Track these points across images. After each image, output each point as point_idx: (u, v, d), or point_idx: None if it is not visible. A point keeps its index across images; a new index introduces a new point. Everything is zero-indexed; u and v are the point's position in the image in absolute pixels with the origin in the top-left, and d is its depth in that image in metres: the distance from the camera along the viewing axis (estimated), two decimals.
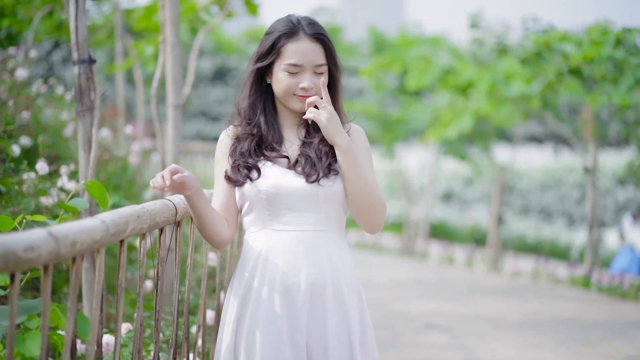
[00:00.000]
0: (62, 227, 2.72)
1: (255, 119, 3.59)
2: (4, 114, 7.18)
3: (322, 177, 3.47)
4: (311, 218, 3.50)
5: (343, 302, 3.51)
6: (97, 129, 5.09)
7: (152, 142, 11.48)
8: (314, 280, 3.47)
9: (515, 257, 17.18)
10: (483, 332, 9.48)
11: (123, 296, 3.34)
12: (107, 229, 3.00)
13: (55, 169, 7.06)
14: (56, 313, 3.19)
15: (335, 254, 3.52)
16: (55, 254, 2.61)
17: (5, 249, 2.34)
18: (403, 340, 9.05)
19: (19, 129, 7.56)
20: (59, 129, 8.56)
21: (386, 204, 3.58)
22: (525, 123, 16.85)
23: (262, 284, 3.49)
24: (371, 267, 15.90)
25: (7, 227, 3.29)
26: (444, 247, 18.80)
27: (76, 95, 5.07)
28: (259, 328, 3.47)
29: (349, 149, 3.44)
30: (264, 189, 3.47)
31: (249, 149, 3.54)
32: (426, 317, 10.37)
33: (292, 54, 3.49)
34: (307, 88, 3.49)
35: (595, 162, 14.63)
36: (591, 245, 14.69)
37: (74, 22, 5.04)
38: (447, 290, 13.05)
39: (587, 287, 13.54)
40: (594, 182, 14.52)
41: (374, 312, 10.85)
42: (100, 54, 27.22)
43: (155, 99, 6.74)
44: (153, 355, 3.68)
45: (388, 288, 13.06)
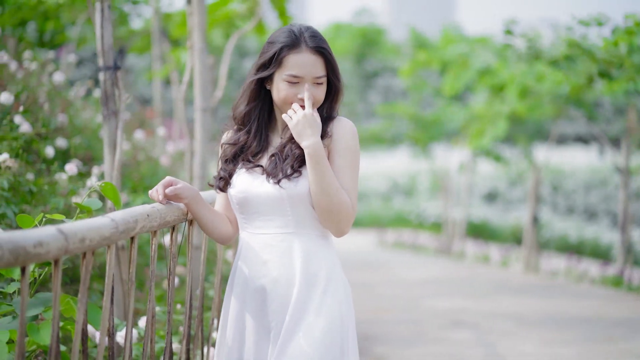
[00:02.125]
0: (72, 225, 2.94)
1: (248, 126, 3.68)
2: (40, 116, 7.45)
3: (283, 179, 3.52)
4: (279, 221, 3.57)
5: (305, 307, 3.53)
6: (122, 132, 5.33)
7: (187, 144, 11.71)
8: (282, 283, 3.57)
9: (553, 256, 17.26)
10: (507, 329, 9.64)
11: (134, 290, 3.57)
12: (116, 227, 3.22)
13: (88, 169, 7.33)
14: (70, 305, 3.42)
15: (307, 254, 3.57)
16: (64, 249, 2.82)
17: (15, 244, 2.54)
18: (428, 336, 9.24)
19: (55, 131, 7.82)
20: (95, 130, 8.81)
21: (352, 211, 3.56)
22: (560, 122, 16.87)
23: (238, 283, 3.68)
24: (406, 265, 16.09)
25: (28, 225, 3.50)
26: (482, 247, 18.91)
27: (102, 99, 5.33)
28: (230, 321, 3.68)
29: (313, 154, 3.46)
30: (233, 194, 3.63)
31: (228, 158, 3.69)
32: (453, 314, 10.55)
33: (293, 65, 3.54)
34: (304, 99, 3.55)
35: (627, 162, 14.69)
36: (623, 244, 14.77)
37: (100, 30, 5.30)
38: (477, 288, 13.20)
39: (619, 286, 13.62)
40: (625, 182, 14.60)
41: (404, 309, 11.07)
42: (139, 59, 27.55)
43: (183, 102, 6.99)
44: (165, 346, 3.90)
45: (419, 286, 13.25)
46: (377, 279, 14.13)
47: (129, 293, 3.55)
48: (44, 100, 8.29)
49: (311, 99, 3.55)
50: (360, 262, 16.64)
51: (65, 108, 8.71)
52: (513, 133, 18.39)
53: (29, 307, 3.40)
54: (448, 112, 19.85)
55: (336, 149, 3.58)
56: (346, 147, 3.59)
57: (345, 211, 3.51)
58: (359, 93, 37.67)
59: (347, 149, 3.59)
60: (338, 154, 3.57)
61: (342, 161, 3.56)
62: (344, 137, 3.60)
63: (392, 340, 9.03)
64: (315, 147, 3.46)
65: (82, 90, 10.81)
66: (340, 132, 3.60)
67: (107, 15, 5.30)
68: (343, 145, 3.59)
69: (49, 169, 6.47)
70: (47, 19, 14.97)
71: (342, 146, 3.59)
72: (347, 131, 3.61)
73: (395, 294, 12.34)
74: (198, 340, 4.38)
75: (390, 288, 13.01)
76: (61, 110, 8.51)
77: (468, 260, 17.55)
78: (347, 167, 3.56)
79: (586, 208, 25.46)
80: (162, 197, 3.59)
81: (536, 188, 16.06)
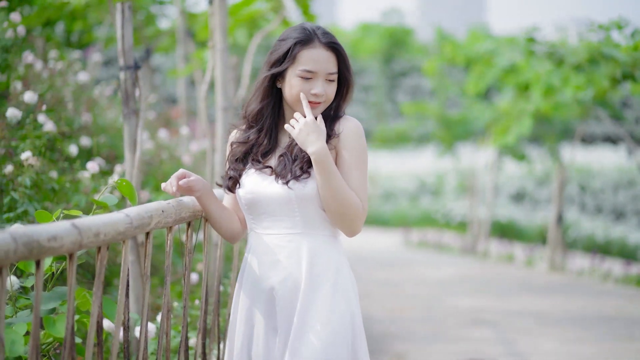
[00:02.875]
0: (86, 219, 3.03)
1: (260, 124, 3.70)
2: (64, 115, 7.56)
3: (291, 180, 3.54)
4: (287, 222, 3.60)
5: (312, 306, 3.57)
6: (142, 131, 5.43)
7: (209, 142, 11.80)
8: (290, 283, 3.60)
9: (579, 256, 17.25)
10: (527, 327, 9.68)
11: (149, 284, 3.66)
12: (130, 222, 3.31)
13: (111, 168, 7.44)
14: (86, 298, 3.51)
15: (315, 254, 3.60)
16: (78, 243, 2.91)
17: (29, 238, 2.63)
18: (448, 334, 9.30)
19: (78, 130, 7.93)
20: (120, 129, 8.91)
21: (363, 212, 3.58)
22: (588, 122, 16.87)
23: (247, 282, 3.71)
24: (429, 264, 16.12)
25: (46, 221, 3.59)
26: (507, 246, 18.91)
27: (122, 99, 5.43)
28: (239, 319, 3.73)
29: (319, 160, 3.47)
30: (242, 195, 3.66)
31: (237, 157, 3.71)
32: (474, 313, 10.59)
33: (307, 60, 3.56)
34: (318, 94, 3.56)
35: None
36: None
37: (120, 30, 5.39)
38: (499, 287, 13.23)
39: None
40: None
41: (425, 307, 11.12)
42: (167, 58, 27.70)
43: (204, 102, 7.09)
44: (181, 340, 3.99)
45: (442, 284, 13.29)
46: (400, 277, 14.18)
47: (144, 287, 3.64)
48: (69, 99, 8.41)
49: (309, 107, 3.57)
50: (384, 261, 16.70)
51: (89, 107, 8.83)
52: (540, 132, 18.37)
53: (46, 301, 3.49)
54: (474, 112, 19.87)
55: (343, 149, 3.60)
56: (353, 147, 3.61)
57: (356, 212, 3.55)
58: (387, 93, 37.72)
59: (354, 149, 3.61)
60: (345, 155, 3.59)
61: (350, 161, 3.59)
62: (350, 137, 3.61)
63: (413, 338, 9.09)
64: (321, 153, 3.47)
65: (108, 89, 10.94)
66: (346, 132, 3.62)
67: (127, 16, 5.39)
68: (350, 146, 3.60)
69: (72, 167, 6.58)
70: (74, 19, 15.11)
71: (349, 146, 3.60)
72: (354, 131, 3.63)
73: (417, 293, 12.38)
74: (214, 335, 4.47)
75: (413, 287, 13.06)
76: (86, 109, 8.62)
77: (492, 260, 17.57)
78: (354, 167, 3.59)
79: (614, 208, 25.37)
80: (176, 189, 3.64)
81: (561, 187, 16.06)
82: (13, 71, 7.71)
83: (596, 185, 25.69)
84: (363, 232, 19.63)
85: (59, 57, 9.86)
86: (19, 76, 7.65)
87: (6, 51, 7.61)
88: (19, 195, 5.34)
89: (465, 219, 23.36)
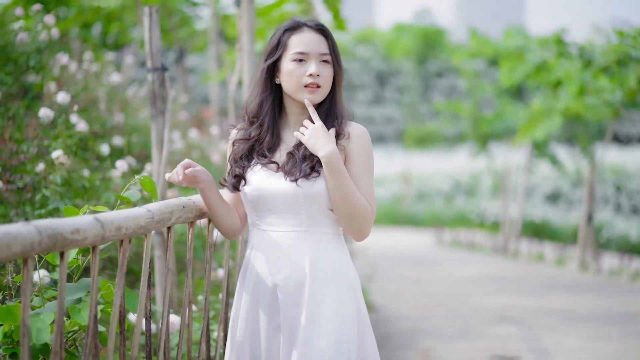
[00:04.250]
0: (109, 214, 3.19)
1: (260, 119, 3.73)
2: (95, 116, 7.77)
3: (301, 177, 3.58)
4: (292, 219, 3.63)
5: (318, 304, 3.61)
6: (170, 131, 5.61)
7: None
8: (293, 281, 3.64)
9: (610, 256, 17.26)
10: (553, 325, 9.79)
11: (171, 277, 3.83)
12: (152, 217, 3.47)
13: (141, 167, 7.64)
14: (110, 289, 3.68)
15: (318, 254, 3.64)
16: (101, 236, 3.06)
17: (53, 230, 2.78)
18: (474, 331, 9.42)
19: (110, 130, 8.14)
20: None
21: (372, 215, 3.63)
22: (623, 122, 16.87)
23: (250, 279, 3.73)
24: (459, 264, 16.23)
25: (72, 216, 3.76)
26: (539, 246, 18.97)
27: (150, 100, 5.60)
28: (241, 317, 3.74)
29: (330, 163, 3.53)
30: (248, 192, 3.67)
31: (241, 155, 3.73)
32: (501, 311, 10.71)
33: (298, 43, 3.63)
34: (313, 74, 3.60)
35: None
36: None
37: (148, 33, 5.56)
38: (526, 286, 13.31)
39: None
40: None
41: (452, 305, 11.24)
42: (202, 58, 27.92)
43: (232, 102, 7.26)
44: (202, 331, 4.15)
45: (470, 283, 13.41)
46: (429, 276, 14.30)
47: (166, 280, 3.80)
48: (103, 100, 8.62)
49: (316, 113, 3.63)
50: (415, 260, 16.82)
51: (122, 107, 9.03)
52: (573, 133, 18.41)
53: (72, 291, 3.66)
54: (507, 112, 19.92)
55: (351, 155, 3.65)
56: (361, 153, 3.66)
57: (365, 215, 3.59)
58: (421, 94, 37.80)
59: (362, 155, 3.67)
60: (353, 160, 3.65)
61: (358, 167, 3.64)
62: (359, 142, 3.67)
63: (439, 335, 9.22)
64: (332, 156, 3.53)
65: (142, 90, 11.15)
66: (355, 137, 3.67)
67: (155, 19, 5.57)
68: (358, 151, 3.66)
69: (102, 165, 6.77)
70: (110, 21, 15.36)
71: (357, 152, 3.66)
72: (362, 137, 3.68)
73: (446, 291, 12.50)
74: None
75: (442, 285, 13.17)
76: (118, 109, 8.82)
77: (522, 259, 17.63)
78: (363, 172, 3.65)
79: None
80: (182, 178, 3.69)
81: (591, 188, 16.09)
82: (47, 72, 7.91)
83: (632, 186, 25.64)
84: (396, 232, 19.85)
85: (93, 58, 10.07)
86: (53, 77, 7.85)
87: (40, 53, 7.83)
88: (50, 192, 5.53)
89: (499, 219, 23.41)
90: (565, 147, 24.74)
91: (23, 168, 5.86)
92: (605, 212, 23.33)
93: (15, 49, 7.67)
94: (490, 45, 17.13)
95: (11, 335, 3.48)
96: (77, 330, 3.69)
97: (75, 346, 3.80)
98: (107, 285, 3.68)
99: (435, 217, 25.99)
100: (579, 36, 14.58)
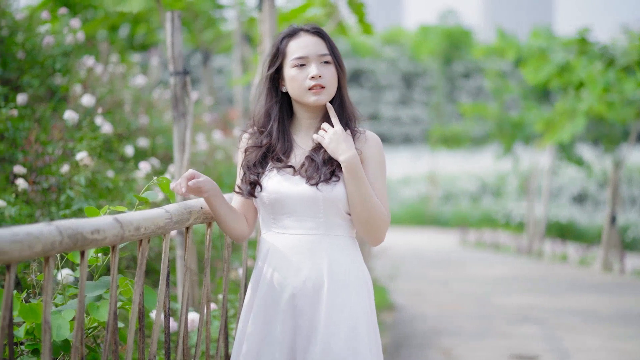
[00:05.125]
0: (128, 214, 3.31)
1: (269, 127, 3.75)
2: (120, 118, 7.90)
3: (321, 182, 3.61)
4: (311, 222, 3.66)
5: (337, 305, 3.64)
6: (191, 133, 5.72)
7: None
8: (312, 282, 3.67)
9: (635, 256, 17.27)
10: (574, 324, 9.86)
11: (189, 277, 3.94)
12: (170, 217, 3.57)
13: (165, 168, 7.76)
14: (129, 287, 3.80)
15: (335, 256, 3.67)
16: (120, 236, 3.17)
17: (74, 230, 2.89)
18: (495, 331, 9.51)
19: (135, 132, 8.27)
20: None
21: (387, 219, 3.68)
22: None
23: (266, 281, 3.73)
24: (483, 264, 16.30)
25: (94, 216, 3.87)
26: (563, 246, 18.99)
27: (172, 103, 5.72)
28: (252, 319, 3.75)
29: (351, 167, 3.58)
30: (265, 195, 3.68)
31: (255, 162, 3.75)
32: (523, 310, 10.79)
33: (296, 49, 3.67)
34: (315, 75, 3.63)
35: None
36: None
37: (170, 38, 5.68)
38: (549, 286, 13.38)
39: None
40: None
41: (475, 304, 11.32)
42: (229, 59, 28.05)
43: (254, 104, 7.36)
44: (220, 328, 4.26)
45: (493, 283, 13.48)
46: (453, 276, 14.38)
47: (185, 279, 3.91)
48: (128, 102, 8.75)
49: (336, 116, 3.68)
50: (439, 260, 16.89)
51: (147, 109, 9.16)
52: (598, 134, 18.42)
53: (93, 289, 3.77)
54: (532, 115, 19.93)
55: (367, 160, 3.70)
56: (376, 158, 3.72)
57: (382, 219, 3.64)
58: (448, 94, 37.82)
59: (377, 162, 3.72)
60: (369, 165, 3.70)
61: (373, 172, 3.70)
62: (374, 149, 3.72)
63: (460, 334, 9.31)
64: (353, 161, 3.58)
65: (168, 92, 11.28)
66: (370, 144, 3.73)
67: (177, 24, 5.68)
68: (372, 159, 3.71)
69: (126, 167, 6.90)
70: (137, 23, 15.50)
71: (373, 159, 3.71)
72: (377, 144, 3.75)
73: (468, 291, 12.58)
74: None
75: (465, 285, 13.25)
76: (143, 111, 8.96)
77: (546, 259, 17.66)
78: (378, 176, 3.71)
79: None
80: (185, 190, 3.69)
81: (615, 188, 16.09)
82: (74, 75, 8.05)
83: None
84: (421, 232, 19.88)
85: (120, 60, 10.19)
86: (79, 80, 7.98)
87: (66, 56, 7.97)
88: (75, 193, 5.66)
89: (524, 220, 23.43)
90: (592, 148, 24.71)
91: (48, 169, 6.00)
92: (633, 212, 23.30)
93: (42, 52, 7.81)
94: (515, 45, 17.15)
95: (33, 332, 3.60)
96: (97, 327, 3.80)
97: (96, 343, 3.91)
98: (126, 283, 3.79)
99: (461, 217, 26.03)
100: (605, 36, 14.56)
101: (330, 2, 10.43)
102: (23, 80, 7.48)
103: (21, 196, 5.75)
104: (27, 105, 7.07)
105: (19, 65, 7.66)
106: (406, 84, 44.21)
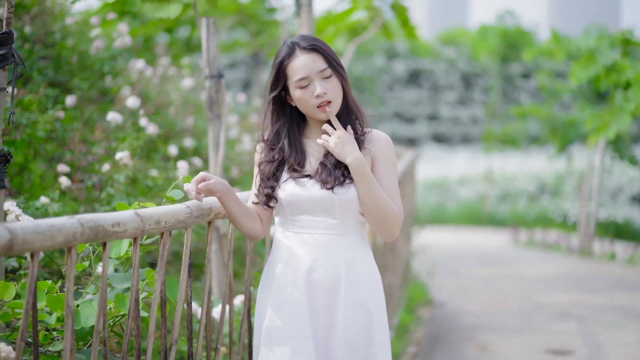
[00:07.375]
0: (149, 209, 3.56)
1: (280, 144, 3.86)
2: (166, 119, 8.21)
3: (336, 185, 3.74)
4: (327, 223, 3.78)
5: (354, 299, 3.79)
6: (225, 134, 6.00)
7: None
8: (331, 279, 3.77)
9: None
10: (613, 321, 9.98)
11: (211, 268, 4.20)
12: (190, 212, 3.82)
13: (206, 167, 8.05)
14: (153, 278, 4.07)
15: (350, 255, 3.80)
16: (140, 229, 3.42)
17: (95, 223, 3.13)
18: (534, 327, 9.69)
19: (180, 132, 8.57)
20: None
21: (400, 216, 3.78)
22: None
23: (286, 275, 3.84)
24: (530, 262, 16.37)
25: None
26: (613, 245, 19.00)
27: (207, 105, 6.01)
28: (280, 305, 3.84)
29: (358, 169, 3.70)
30: (283, 197, 3.81)
31: (268, 175, 3.87)
32: (563, 307, 10.93)
33: (296, 70, 3.75)
34: (319, 94, 3.72)
35: None
36: None
37: (206, 42, 5.96)
38: (592, 284, 13.42)
39: None
40: None
41: (516, 301, 11.48)
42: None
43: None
44: (242, 318, 4.51)
45: (537, 281, 13.59)
46: (498, 274, 14.49)
47: (209, 272, 4.17)
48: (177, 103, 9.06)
49: (338, 121, 3.79)
50: (487, 259, 17.00)
51: (194, 110, 9.46)
52: None
53: (121, 281, 4.06)
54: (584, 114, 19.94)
55: (377, 161, 3.84)
56: (385, 159, 3.85)
57: (394, 216, 3.76)
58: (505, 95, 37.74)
59: (386, 160, 3.85)
60: (380, 164, 3.84)
61: (384, 171, 3.84)
62: (384, 148, 3.86)
63: (498, 330, 9.50)
64: (359, 162, 3.71)
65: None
66: (380, 144, 3.86)
67: (212, 30, 5.95)
68: (383, 157, 3.84)
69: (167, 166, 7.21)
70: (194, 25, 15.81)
71: (383, 158, 3.84)
72: (387, 143, 3.88)
73: (512, 289, 12.72)
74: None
75: (509, 283, 13.38)
76: (190, 112, 9.25)
77: (594, 258, 17.70)
78: (389, 176, 3.83)
79: None
80: (196, 193, 3.80)
81: None
82: (125, 78, 8.36)
83: None
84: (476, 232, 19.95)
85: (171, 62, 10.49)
86: (129, 82, 8.29)
87: (114, 59, 8.29)
88: (115, 191, 5.97)
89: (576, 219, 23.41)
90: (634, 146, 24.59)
91: (92, 168, 6.32)
92: None
93: (92, 55, 8.13)
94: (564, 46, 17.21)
95: (63, 319, 3.88)
96: (124, 315, 4.08)
97: (122, 329, 4.21)
98: (152, 275, 4.07)
99: (517, 217, 26.01)
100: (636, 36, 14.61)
101: (374, 6, 10.63)
102: (73, 82, 7.81)
103: (67, 194, 6.07)
104: (76, 107, 7.39)
105: (70, 68, 7.98)
106: (465, 84, 44.18)
